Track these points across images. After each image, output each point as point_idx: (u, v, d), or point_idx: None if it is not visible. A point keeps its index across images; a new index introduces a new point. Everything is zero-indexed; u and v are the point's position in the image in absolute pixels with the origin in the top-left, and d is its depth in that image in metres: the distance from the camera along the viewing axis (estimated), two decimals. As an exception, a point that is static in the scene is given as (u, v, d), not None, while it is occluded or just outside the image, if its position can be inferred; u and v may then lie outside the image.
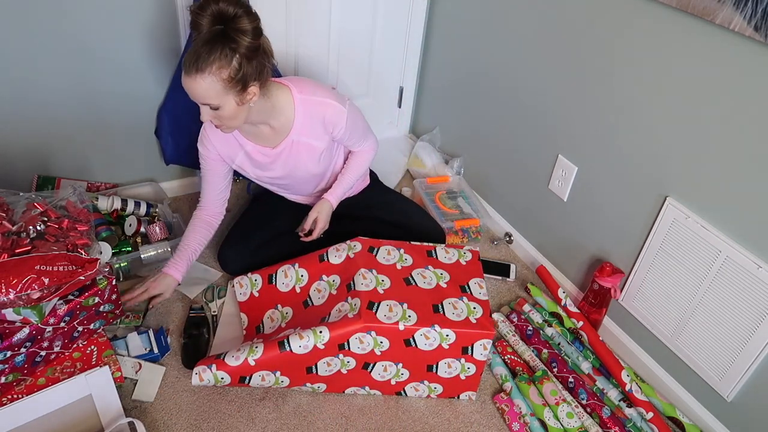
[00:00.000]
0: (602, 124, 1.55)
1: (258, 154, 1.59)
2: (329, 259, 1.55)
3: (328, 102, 1.53)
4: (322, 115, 1.53)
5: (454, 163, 2.20)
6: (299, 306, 1.56)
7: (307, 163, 1.62)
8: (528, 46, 1.74)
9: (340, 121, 1.55)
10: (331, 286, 1.52)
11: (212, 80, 1.29)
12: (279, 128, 1.54)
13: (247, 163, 1.62)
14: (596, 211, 1.65)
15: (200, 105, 1.36)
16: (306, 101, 1.52)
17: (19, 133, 1.71)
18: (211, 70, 1.28)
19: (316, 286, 1.55)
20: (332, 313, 1.44)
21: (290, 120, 1.53)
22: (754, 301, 1.28)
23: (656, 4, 1.32)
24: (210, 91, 1.31)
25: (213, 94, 1.31)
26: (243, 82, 1.32)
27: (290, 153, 1.59)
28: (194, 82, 1.29)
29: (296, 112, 1.52)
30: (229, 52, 1.28)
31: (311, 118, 1.54)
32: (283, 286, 1.59)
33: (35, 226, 1.26)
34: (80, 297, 1.30)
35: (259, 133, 1.55)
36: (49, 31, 1.59)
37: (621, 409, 1.47)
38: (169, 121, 1.85)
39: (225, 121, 1.39)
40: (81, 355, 1.37)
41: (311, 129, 1.55)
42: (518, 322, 1.70)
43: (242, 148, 1.58)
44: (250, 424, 1.41)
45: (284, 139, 1.56)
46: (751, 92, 1.19)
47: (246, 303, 1.63)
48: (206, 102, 1.34)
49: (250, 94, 1.36)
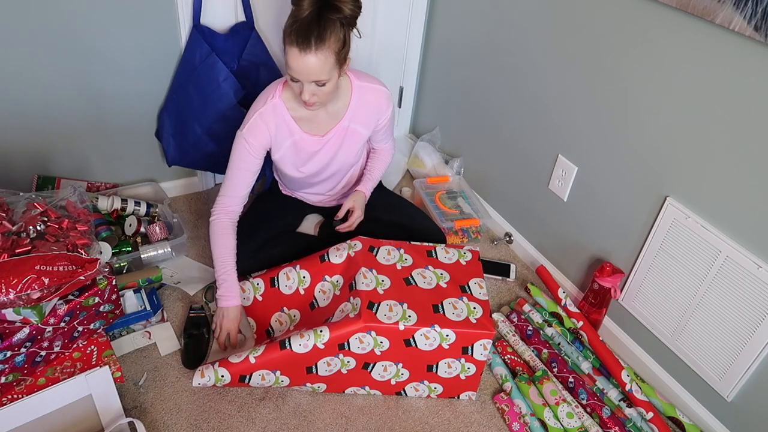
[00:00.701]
0: (602, 124, 1.55)
1: (305, 143, 1.59)
2: (330, 259, 1.55)
3: (381, 89, 1.59)
4: (376, 102, 1.58)
5: (454, 163, 2.20)
6: (306, 308, 1.56)
7: (349, 151, 1.64)
8: (528, 46, 1.74)
9: (388, 109, 1.62)
10: (335, 287, 1.52)
11: (328, 54, 1.31)
12: (334, 113, 1.56)
13: (290, 153, 1.60)
14: (596, 211, 1.65)
15: (305, 84, 1.35)
16: (362, 87, 1.56)
17: (20, 133, 1.71)
18: (329, 44, 1.30)
19: (320, 287, 1.55)
20: (336, 313, 1.44)
21: (345, 105, 1.56)
22: (754, 301, 1.28)
23: (656, 4, 1.32)
24: (325, 65, 1.32)
25: (327, 69, 1.33)
26: (345, 55, 1.37)
27: (338, 140, 1.60)
28: (313, 58, 1.30)
29: (352, 98, 1.55)
30: (338, 24, 1.31)
31: (365, 105, 1.58)
32: (287, 289, 1.59)
33: (35, 226, 1.26)
34: (80, 297, 1.30)
35: (314, 117, 1.55)
36: (50, 31, 1.59)
37: (621, 409, 1.47)
38: (170, 122, 1.85)
39: (324, 96, 1.40)
40: (81, 355, 1.37)
41: (363, 115, 1.59)
42: (518, 322, 1.70)
43: (291, 136, 1.57)
44: (250, 424, 1.41)
45: (336, 125, 1.58)
46: (751, 92, 1.19)
47: (250, 307, 1.63)
48: (318, 78, 1.34)
49: (347, 65, 1.41)
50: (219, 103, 1.76)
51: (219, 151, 1.86)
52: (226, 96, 1.75)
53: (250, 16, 1.80)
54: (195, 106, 1.78)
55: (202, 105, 1.77)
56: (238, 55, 1.80)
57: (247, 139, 1.53)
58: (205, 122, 1.79)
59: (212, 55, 1.71)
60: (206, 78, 1.74)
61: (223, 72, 1.73)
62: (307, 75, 1.33)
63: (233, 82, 1.75)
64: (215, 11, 1.78)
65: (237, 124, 1.84)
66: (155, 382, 1.48)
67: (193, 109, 1.79)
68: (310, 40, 1.28)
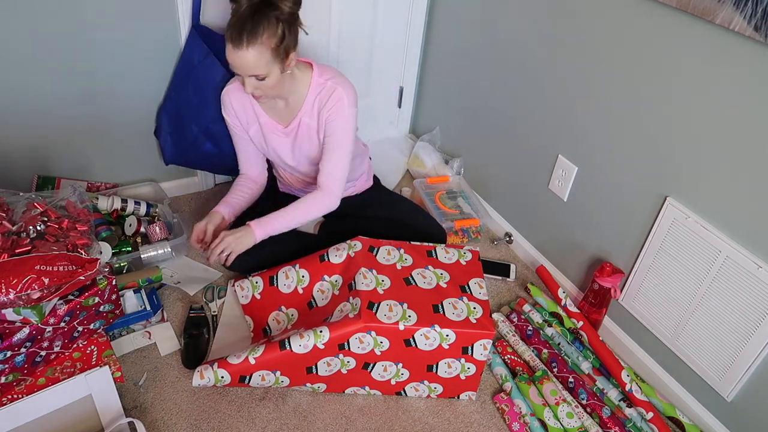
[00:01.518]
0: (602, 124, 1.55)
1: (271, 128, 1.61)
2: (330, 259, 1.55)
3: (338, 89, 1.51)
4: (327, 97, 1.51)
5: (454, 163, 2.20)
6: (304, 307, 1.56)
7: (308, 145, 1.63)
8: (528, 46, 1.74)
9: (339, 112, 1.51)
10: (334, 287, 1.52)
11: (261, 50, 1.33)
12: (293, 105, 1.57)
13: (260, 136, 1.64)
14: (596, 211, 1.65)
15: (245, 78, 1.39)
16: (320, 85, 1.54)
17: (20, 133, 1.71)
18: (261, 40, 1.32)
19: (319, 287, 1.55)
20: (335, 313, 1.44)
21: (302, 98, 1.55)
22: (754, 301, 1.28)
23: (656, 4, 1.32)
24: (260, 61, 1.34)
25: (262, 64, 1.35)
26: (286, 50, 1.38)
27: (297, 134, 1.61)
28: (245, 54, 1.33)
29: (309, 93, 1.54)
30: (274, 20, 1.33)
31: (319, 101, 1.54)
32: (285, 288, 1.59)
33: (35, 226, 1.26)
34: (80, 297, 1.30)
35: (275, 106, 1.58)
36: (50, 31, 1.59)
37: (621, 409, 1.47)
38: (169, 121, 1.85)
39: (267, 90, 1.43)
40: (81, 355, 1.37)
41: (316, 112, 1.56)
42: (518, 322, 1.70)
43: (257, 119, 1.60)
44: (250, 424, 1.41)
45: (294, 118, 1.58)
46: (751, 92, 1.19)
47: (248, 306, 1.63)
48: (254, 73, 1.37)
49: (291, 61, 1.42)
50: (217, 103, 1.76)
51: (216, 151, 1.86)
52: None
53: None
54: (193, 106, 1.78)
55: (200, 105, 1.77)
56: None
57: (225, 117, 1.64)
58: (203, 122, 1.79)
59: (211, 55, 1.71)
60: (204, 78, 1.74)
61: (220, 72, 1.73)
62: (243, 69, 1.37)
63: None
64: (214, 11, 1.78)
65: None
66: (155, 382, 1.48)
67: (191, 109, 1.79)
68: (242, 36, 1.31)
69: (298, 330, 1.41)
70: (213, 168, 1.97)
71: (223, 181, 2.19)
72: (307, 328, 1.41)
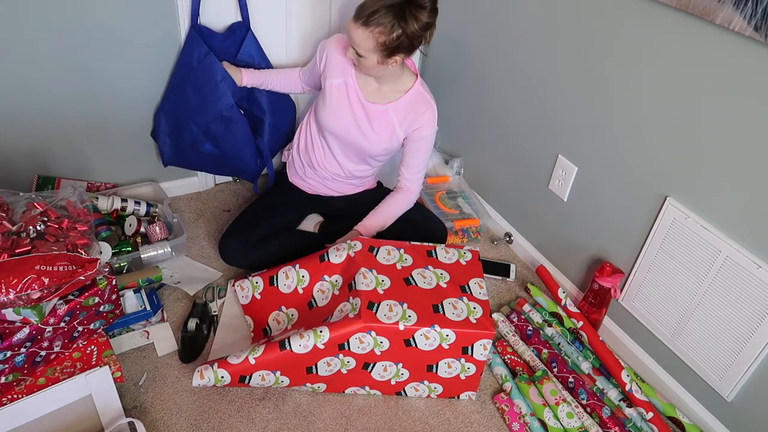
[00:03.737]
0: (602, 124, 1.55)
1: (354, 94, 1.66)
2: (330, 259, 1.55)
3: (433, 105, 1.67)
4: (423, 110, 1.65)
5: (454, 163, 2.20)
6: (304, 307, 1.56)
7: (378, 137, 1.67)
8: (528, 46, 1.74)
9: (427, 128, 1.67)
10: (334, 287, 1.52)
11: (369, 37, 1.45)
12: (384, 94, 1.66)
13: (335, 93, 1.67)
14: (596, 211, 1.65)
15: (351, 45, 1.51)
16: (421, 93, 1.66)
17: (20, 133, 1.71)
18: (372, 30, 1.44)
19: (319, 287, 1.55)
20: (335, 313, 1.44)
21: (398, 96, 1.65)
22: (754, 301, 1.27)
23: (656, 4, 1.32)
24: (363, 43, 1.47)
25: (363, 47, 1.48)
26: (392, 52, 1.49)
27: (375, 117, 1.66)
28: (356, 30, 1.46)
29: (407, 94, 1.65)
30: (397, 26, 1.44)
31: (412, 107, 1.65)
32: (285, 288, 1.59)
33: (35, 226, 1.26)
34: (80, 297, 1.30)
35: (369, 83, 1.66)
36: (49, 30, 1.59)
37: (621, 409, 1.47)
38: (167, 122, 1.85)
39: (362, 68, 1.56)
40: (81, 355, 1.37)
41: (405, 115, 1.66)
42: (518, 322, 1.70)
43: (345, 76, 1.66)
44: (250, 424, 1.41)
45: (380, 104, 1.65)
46: (751, 92, 1.19)
47: (249, 306, 1.63)
48: (357, 49, 1.49)
49: (393, 61, 1.52)
50: (217, 103, 1.76)
51: (215, 151, 1.86)
52: (224, 96, 1.75)
53: (246, 16, 1.80)
54: (192, 106, 1.78)
55: (199, 105, 1.77)
56: (233, 55, 1.81)
57: (318, 49, 1.71)
58: (202, 122, 1.79)
59: (210, 54, 1.71)
60: (204, 78, 1.74)
61: (220, 72, 1.73)
62: (351, 39, 1.50)
63: (231, 83, 1.75)
64: (213, 11, 1.78)
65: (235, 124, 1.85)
66: (155, 382, 1.48)
67: (190, 109, 1.79)
68: (363, 14, 1.44)
69: (298, 330, 1.41)
70: (213, 169, 1.97)
71: (223, 181, 2.20)
72: (307, 328, 1.41)
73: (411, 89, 1.65)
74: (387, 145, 1.70)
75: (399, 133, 1.67)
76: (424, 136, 1.67)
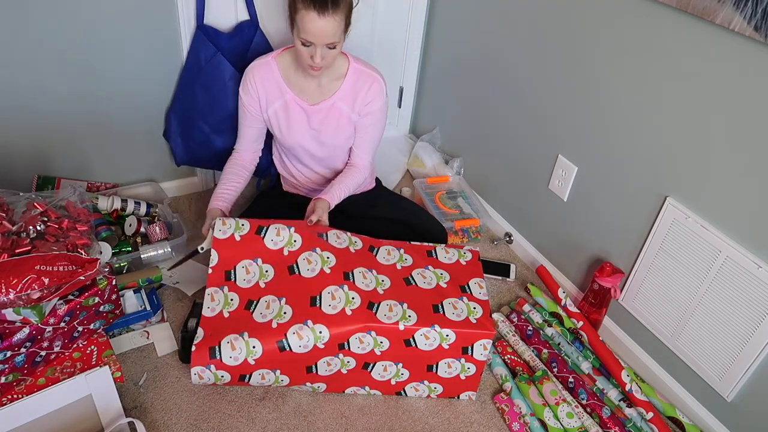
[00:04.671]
0: (602, 124, 1.55)
1: (296, 106, 1.62)
2: (328, 239, 1.52)
3: (377, 77, 1.61)
4: (368, 85, 1.60)
5: (454, 163, 2.20)
6: (283, 270, 1.47)
7: (337, 129, 1.65)
8: (528, 46, 1.74)
9: (378, 100, 1.62)
10: (325, 263, 1.46)
11: (341, 17, 1.41)
12: (326, 87, 1.61)
13: (282, 115, 1.64)
14: (596, 211, 1.65)
15: (318, 47, 1.43)
16: (359, 70, 1.61)
17: (20, 133, 1.71)
18: (342, 7, 1.40)
19: (307, 256, 1.47)
20: (323, 295, 1.40)
21: (339, 83, 1.60)
22: (754, 301, 1.28)
23: (656, 4, 1.32)
24: (338, 28, 1.42)
25: (339, 32, 1.43)
26: (349, 20, 1.46)
27: (326, 115, 1.63)
28: (330, 21, 1.39)
29: (346, 77, 1.60)
30: None
31: (356, 87, 1.61)
32: (272, 244, 1.48)
33: (35, 226, 1.26)
34: (80, 297, 1.30)
35: (306, 86, 1.61)
36: (50, 30, 1.59)
37: (621, 409, 1.47)
38: (178, 122, 1.86)
39: (330, 60, 1.49)
40: (81, 355, 1.37)
41: (353, 98, 1.62)
42: (518, 322, 1.70)
43: (283, 96, 1.62)
44: (250, 424, 1.41)
45: (325, 100, 1.61)
46: (751, 92, 1.19)
47: (222, 242, 1.47)
48: (332, 40, 1.43)
49: (349, 32, 1.49)
50: (226, 101, 1.77)
51: (228, 148, 1.87)
52: (233, 94, 1.76)
53: (254, 14, 1.81)
54: (201, 106, 1.79)
55: (209, 104, 1.78)
56: (243, 54, 1.81)
57: (241, 96, 1.63)
58: (213, 121, 1.81)
59: (218, 54, 1.72)
60: (212, 77, 1.75)
61: (229, 71, 1.74)
62: (322, 37, 1.41)
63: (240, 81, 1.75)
64: (218, 11, 1.78)
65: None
66: (155, 382, 1.48)
67: (200, 109, 1.80)
68: (326, 6, 1.37)
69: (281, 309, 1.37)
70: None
71: (223, 181, 2.19)
72: (284, 294, 1.39)
73: (348, 71, 1.60)
74: (348, 132, 1.67)
75: (353, 116, 1.65)
76: (375, 110, 1.63)
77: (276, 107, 1.63)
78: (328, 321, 1.37)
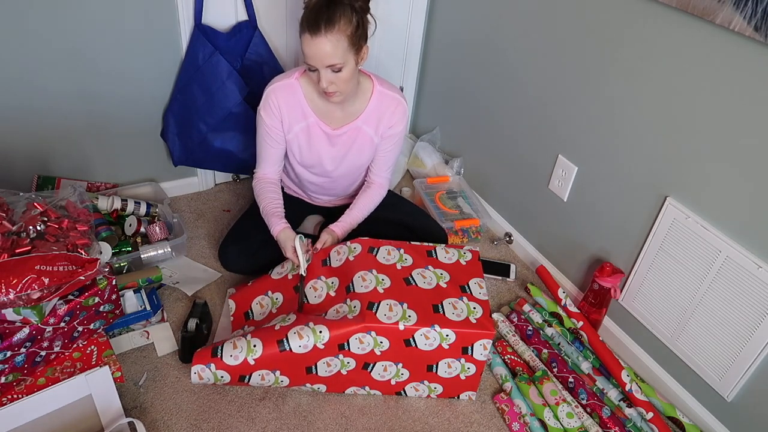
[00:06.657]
0: (602, 124, 1.55)
1: (318, 130, 1.60)
2: (332, 263, 1.54)
3: (400, 100, 1.61)
4: (392, 109, 1.59)
5: (454, 163, 2.20)
6: (291, 292, 1.54)
7: (360, 153, 1.65)
8: (528, 46, 1.74)
9: (401, 123, 1.62)
10: (330, 288, 1.51)
11: (339, 37, 1.35)
12: (351, 112, 1.59)
13: (303, 138, 1.61)
14: (596, 211, 1.65)
15: (321, 70, 1.40)
16: (383, 93, 1.59)
17: (20, 133, 1.71)
18: (339, 27, 1.34)
19: (313, 284, 1.53)
20: (329, 312, 1.43)
21: (363, 106, 1.59)
22: (754, 301, 1.28)
23: (656, 4, 1.32)
24: (337, 49, 1.36)
25: (340, 53, 1.37)
26: (359, 41, 1.40)
27: (349, 138, 1.62)
28: (323, 41, 1.34)
29: (371, 101, 1.58)
30: (349, 8, 1.36)
31: (380, 110, 1.59)
32: (277, 275, 1.59)
33: (35, 226, 1.26)
34: (80, 297, 1.30)
35: (330, 111, 1.58)
36: (50, 31, 1.59)
37: (621, 409, 1.47)
38: (175, 122, 1.86)
39: (342, 84, 1.43)
40: (81, 355, 1.37)
41: (377, 121, 1.61)
42: (518, 322, 1.70)
43: (305, 119, 1.58)
44: (250, 424, 1.41)
45: (348, 124, 1.59)
46: (751, 92, 1.19)
47: (235, 295, 1.64)
48: (332, 62, 1.38)
49: (364, 54, 1.45)
50: (225, 101, 1.77)
51: (225, 148, 1.87)
52: (231, 94, 1.76)
53: (253, 15, 1.81)
54: (199, 106, 1.79)
55: (207, 104, 1.78)
56: (241, 54, 1.81)
57: (262, 116, 1.58)
58: (211, 121, 1.80)
59: (216, 53, 1.72)
60: (210, 77, 1.75)
61: (226, 70, 1.74)
62: (320, 59, 1.37)
63: (237, 80, 1.75)
64: (216, 11, 1.78)
65: (244, 121, 1.85)
66: (155, 382, 1.48)
67: (198, 109, 1.80)
68: (319, 23, 1.33)
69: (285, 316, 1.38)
70: (223, 167, 1.98)
71: (224, 180, 2.20)
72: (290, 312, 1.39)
73: (373, 94, 1.58)
74: (369, 154, 1.68)
75: (376, 139, 1.64)
76: (397, 133, 1.64)
77: (297, 130, 1.60)
78: (328, 322, 1.38)
